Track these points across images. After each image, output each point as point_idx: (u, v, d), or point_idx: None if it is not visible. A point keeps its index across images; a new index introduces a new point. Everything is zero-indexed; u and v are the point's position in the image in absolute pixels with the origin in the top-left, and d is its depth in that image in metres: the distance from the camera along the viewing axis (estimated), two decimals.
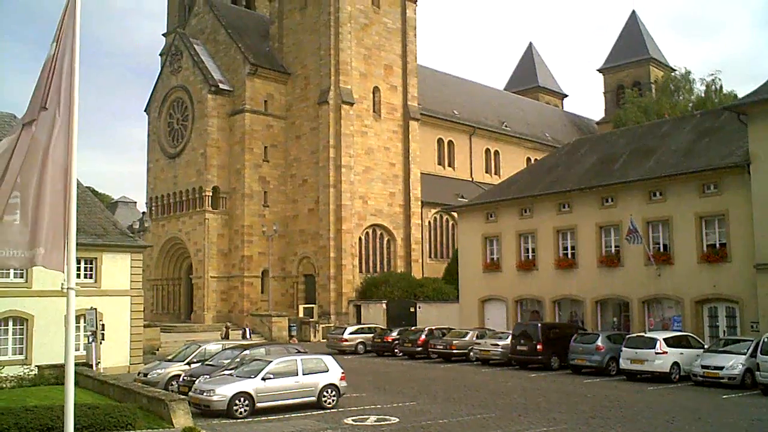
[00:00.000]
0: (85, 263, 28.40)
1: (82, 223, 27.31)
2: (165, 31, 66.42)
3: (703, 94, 67.04)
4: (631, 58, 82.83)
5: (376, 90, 53.63)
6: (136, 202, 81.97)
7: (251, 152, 52.81)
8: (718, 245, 28.30)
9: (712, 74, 68.55)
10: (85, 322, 25.40)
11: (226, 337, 41.89)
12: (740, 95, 45.01)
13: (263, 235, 50.56)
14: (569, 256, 33.71)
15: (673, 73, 75.07)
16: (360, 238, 51.82)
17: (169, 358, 24.79)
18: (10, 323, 26.64)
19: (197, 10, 59.35)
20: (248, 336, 42.26)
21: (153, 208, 58.22)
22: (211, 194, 52.89)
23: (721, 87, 66.85)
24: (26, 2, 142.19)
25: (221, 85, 53.95)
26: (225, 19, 56.88)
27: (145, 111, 60.75)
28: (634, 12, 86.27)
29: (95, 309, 25.06)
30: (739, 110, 27.64)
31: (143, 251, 33.12)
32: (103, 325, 25.40)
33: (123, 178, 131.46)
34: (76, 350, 24.16)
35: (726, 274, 27.77)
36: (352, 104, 51.48)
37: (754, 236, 26.15)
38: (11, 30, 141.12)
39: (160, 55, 64.10)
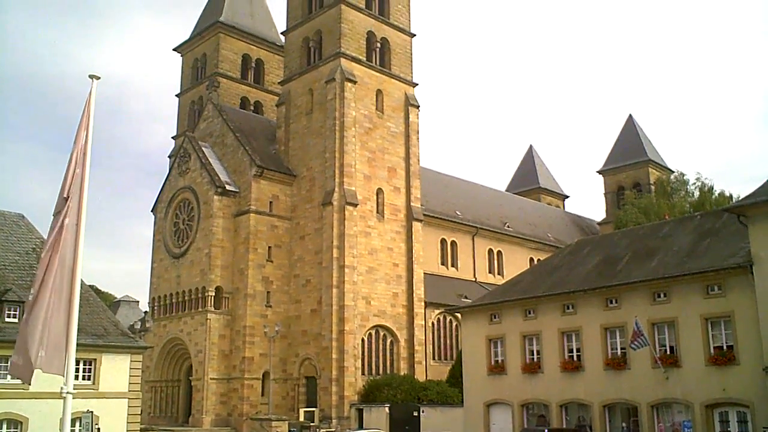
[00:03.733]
0: (84, 364, 28.02)
1: (83, 324, 27.14)
2: (175, 133, 68.39)
3: (698, 196, 68.41)
4: (630, 160, 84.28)
5: (379, 191, 54.43)
6: (138, 302, 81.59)
7: (255, 252, 53.00)
8: (725, 347, 27.91)
9: (698, 176, 70.25)
10: (80, 426, 24.81)
11: None
12: (741, 196, 45.65)
13: (265, 336, 49.99)
14: (575, 358, 33.18)
15: (672, 175, 76.53)
16: (363, 339, 51.15)
17: None
18: (4, 426, 26.02)
19: (206, 114, 61.21)
20: None
21: (155, 308, 57.88)
22: (213, 294, 52.70)
23: (711, 187, 68.45)
24: (42, 107, 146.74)
25: (227, 187, 54.84)
26: (233, 123, 58.53)
27: (152, 211, 61.58)
28: (631, 116, 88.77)
29: (92, 412, 24.55)
30: (738, 212, 27.97)
31: (143, 352, 32.74)
32: (98, 428, 24.79)
33: (127, 277, 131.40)
34: None
35: (735, 377, 27.24)
36: (355, 205, 52.11)
37: (761, 338, 25.84)
38: (29, 133, 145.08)
39: (169, 156, 65.64)
